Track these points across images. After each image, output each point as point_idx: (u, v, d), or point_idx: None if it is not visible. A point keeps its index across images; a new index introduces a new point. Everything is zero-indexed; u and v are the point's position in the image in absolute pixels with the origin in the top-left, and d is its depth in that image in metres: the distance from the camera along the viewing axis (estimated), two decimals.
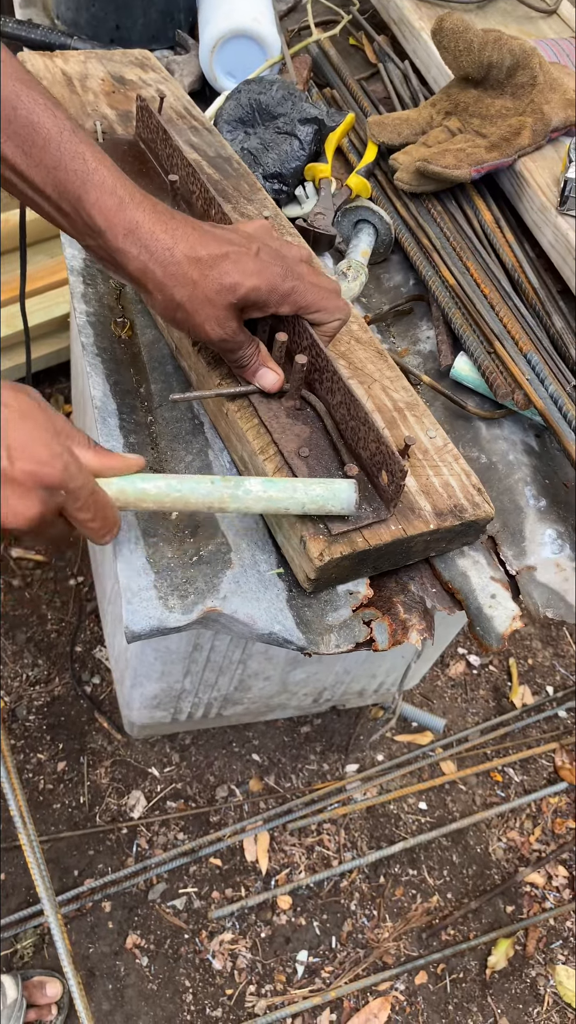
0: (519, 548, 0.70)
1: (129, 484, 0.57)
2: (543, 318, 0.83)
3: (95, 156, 0.58)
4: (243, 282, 0.59)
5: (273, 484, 0.58)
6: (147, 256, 0.58)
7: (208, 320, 0.60)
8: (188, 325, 0.61)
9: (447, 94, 0.98)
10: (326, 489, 0.58)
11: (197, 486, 0.57)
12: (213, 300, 0.59)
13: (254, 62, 1.04)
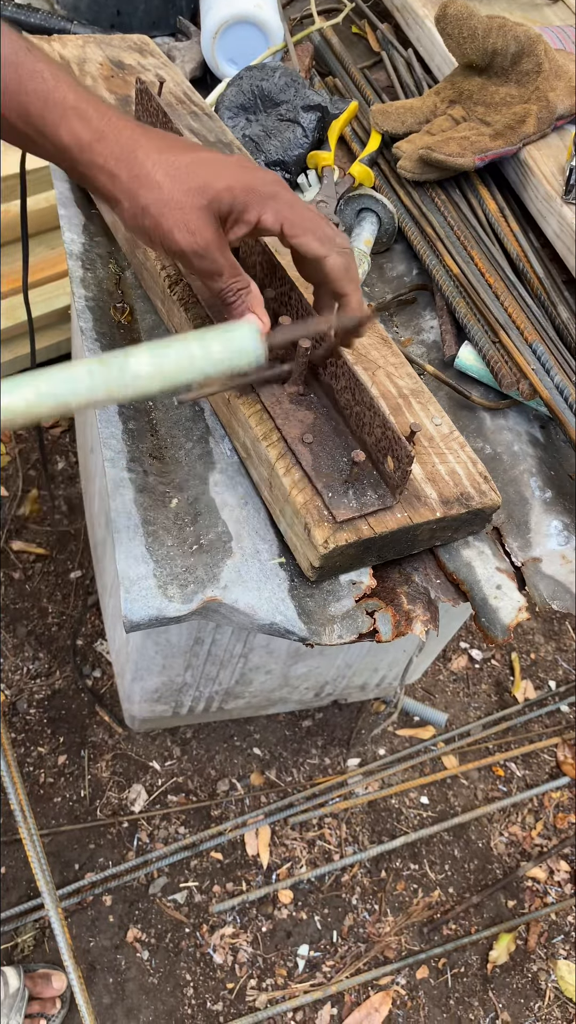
0: (524, 539, 0.70)
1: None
2: (548, 308, 0.82)
3: (54, 73, 0.54)
4: (214, 183, 0.54)
5: (163, 354, 0.51)
6: (113, 163, 0.55)
7: (177, 226, 0.54)
8: (157, 234, 0.55)
9: (451, 82, 0.97)
10: (226, 345, 0.52)
11: (73, 384, 0.49)
12: (182, 203, 0.54)
13: (256, 49, 1.03)
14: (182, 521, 0.64)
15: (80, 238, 0.81)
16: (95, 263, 0.80)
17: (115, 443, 0.66)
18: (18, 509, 1.84)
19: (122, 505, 0.62)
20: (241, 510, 0.65)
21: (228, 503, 0.65)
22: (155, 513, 0.63)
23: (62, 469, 1.92)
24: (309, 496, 0.60)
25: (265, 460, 0.63)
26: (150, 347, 0.52)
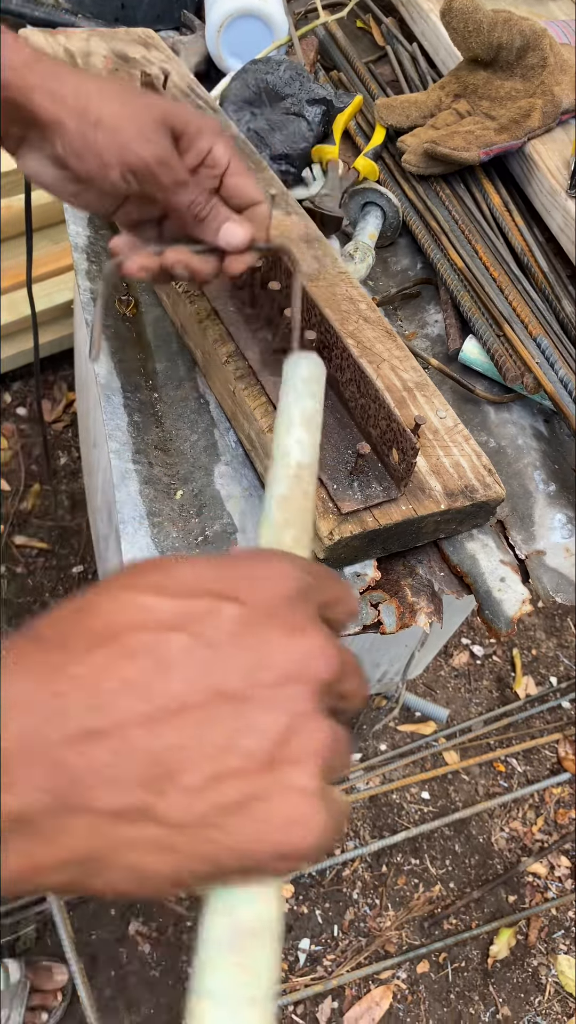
0: (528, 532, 0.70)
1: None
2: (553, 302, 0.82)
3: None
4: (162, 103, 0.52)
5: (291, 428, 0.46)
6: (53, 82, 0.50)
7: (136, 136, 0.51)
8: (113, 148, 0.51)
9: (456, 76, 0.97)
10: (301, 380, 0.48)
11: (305, 512, 0.43)
12: (138, 114, 0.51)
13: (261, 43, 1.03)
14: (187, 513, 0.64)
15: (85, 231, 0.81)
16: (100, 255, 0.80)
17: (120, 435, 0.66)
18: (20, 504, 1.84)
19: (127, 496, 0.62)
20: (246, 502, 0.65)
21: (233, 495, 0.65)
22: (160, 504, 0.63)
23: (64, 464, 1.92)
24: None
25: (270, 452, 0.63)
26: (286, 435, 0.46)
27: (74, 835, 0.27)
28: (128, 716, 0.27)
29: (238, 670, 0.28)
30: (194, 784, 0.27)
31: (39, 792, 0.26)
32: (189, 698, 0.28)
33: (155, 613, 0.28)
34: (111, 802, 0.27)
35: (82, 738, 0.26)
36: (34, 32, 0.91)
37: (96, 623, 0.28)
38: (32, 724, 0.26)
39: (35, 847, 0.26)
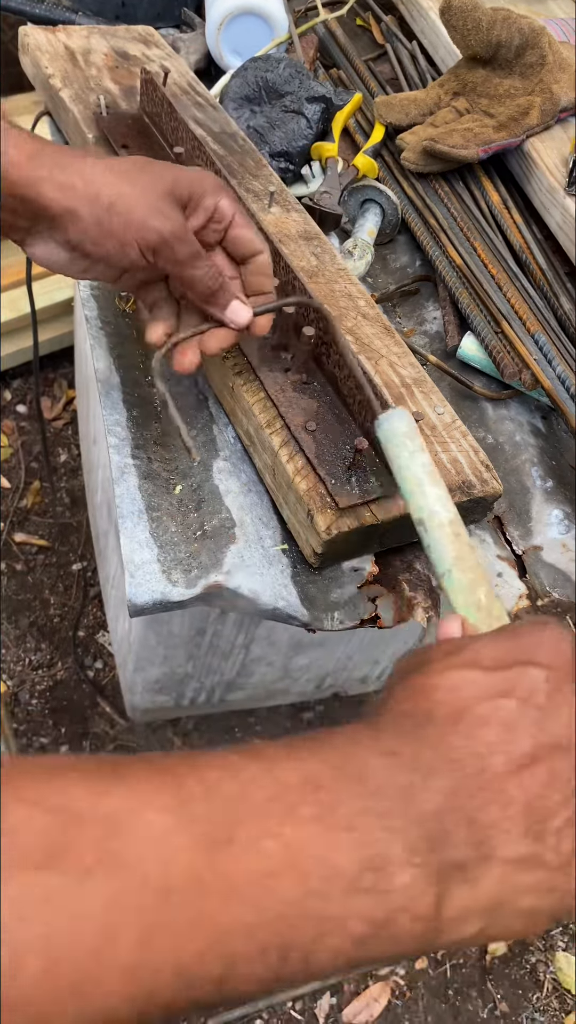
0: (525, 528, 0.70)
1: None
2: (550, 299, 0.83)
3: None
4: (165, 175, 0.54)
5: (423, 490, 0.50)
6: (60, 173, 0.52)
7: (150, 214, 0.53)
8: (130, 230, 0.53)
9: (455, 74, 0.97)
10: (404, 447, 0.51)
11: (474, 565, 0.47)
12: (146, 193, 0.53)
13: (261, 40, 1.03)
14: (186, 507, 0.64)
15: None
16: None
17: (120, 430, 0.67)
18: (20, 501, 1.84)
19: (126, 491, 0.63)
20: (244, 497, 0.65)
21: (232, 490, 0.65)
22: (159, 499, 0.64)
23: (64, 461, 1.92)
24: (312, 483, 0.60)
25: (269, 447, 0.63)
26: (424, 497, 0.50)
27: (488, 883, 0.30)
28: (502, 773, 0.31)
29: (561, 723, 0.33)
30: (560, 827, 0.31)
31: (466, 846, 0.30)
32: (536, 752, 0.32)
33: (483, 686, 0.33)
34: (510, 852, 0.31)
35: (480, 797, 0.31)
36: (34, 30, 0.91)
37: (445, 699, 0.33)
38: (447, 786, 0.31)
39: (466, 895, 0.30)
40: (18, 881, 0.24)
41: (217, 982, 0.26)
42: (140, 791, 0.28)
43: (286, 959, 0.27)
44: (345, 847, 0.28)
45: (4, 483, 1.86)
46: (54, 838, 0.25)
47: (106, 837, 0.26)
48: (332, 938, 0.28)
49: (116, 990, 0.25)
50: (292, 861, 0.28)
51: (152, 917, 0.25)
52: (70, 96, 0.84)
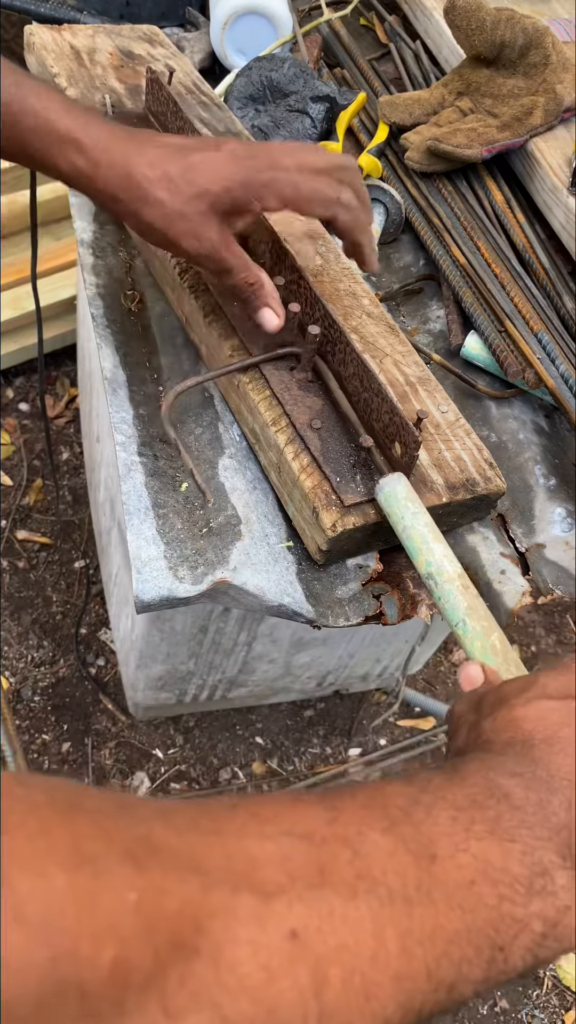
0: (528, 526, 0.70)
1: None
2: (554, 298, 0.83)
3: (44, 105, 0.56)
4: (211, 186, 0.56)
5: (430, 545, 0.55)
6: (114, 188, 0.56)
7: (182, 235, 0.57)
8: (166, 245, 0.59)
9: (459, 74, 0.98)
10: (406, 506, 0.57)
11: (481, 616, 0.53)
12: (185, 213, 0.56)
13: (265, 40, 1.04)
14: (192, 505, 0.64)
15: (91, 226, 0.82)
16: (105, 251, 0.81)
17: (126, 428, 0.67)
18: (23, 499, 1.85)
19: (133, 488, 0.63)
20: (250, 494, 0.66)
21: (237, 487, 0.66)
22: (165, 496, 0.64)
23: (66, 460, 1.92)
24: (317, 481, 0.61)
25: (274, 445, 0.63)
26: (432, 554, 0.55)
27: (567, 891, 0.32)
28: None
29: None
30: None
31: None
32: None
33: (562, 712, 0.38)
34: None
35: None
36: (40, 29, 0.92)
37: (536, 727, 0.37)
38: (566, 800, 0.34)
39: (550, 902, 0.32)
40: (306, 900, 0.26)
41: (450, 988, 0.29)
42: (359, 816, 0.30)
43: (494, 960, 0.30)
44: (515, 856, 0.31)
45: (6, 481, 1.87)
46: (318, 859, 0.28)
47: (354, 858, 0.28)
48: (523, 937, 0.30)
49: (390, 996, 0.27)
50: (483, 871, 0.30)
51: (405, 926, 0.28)
52: (76, 95, 0.84)
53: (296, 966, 0.25)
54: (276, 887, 0.26)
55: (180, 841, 0.27)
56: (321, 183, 0.58)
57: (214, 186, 0.56)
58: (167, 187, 0.56)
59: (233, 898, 0.25)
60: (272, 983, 0.25)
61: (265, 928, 0.25)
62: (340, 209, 0.59)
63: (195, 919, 0.25)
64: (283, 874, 0.27)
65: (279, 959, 0.25)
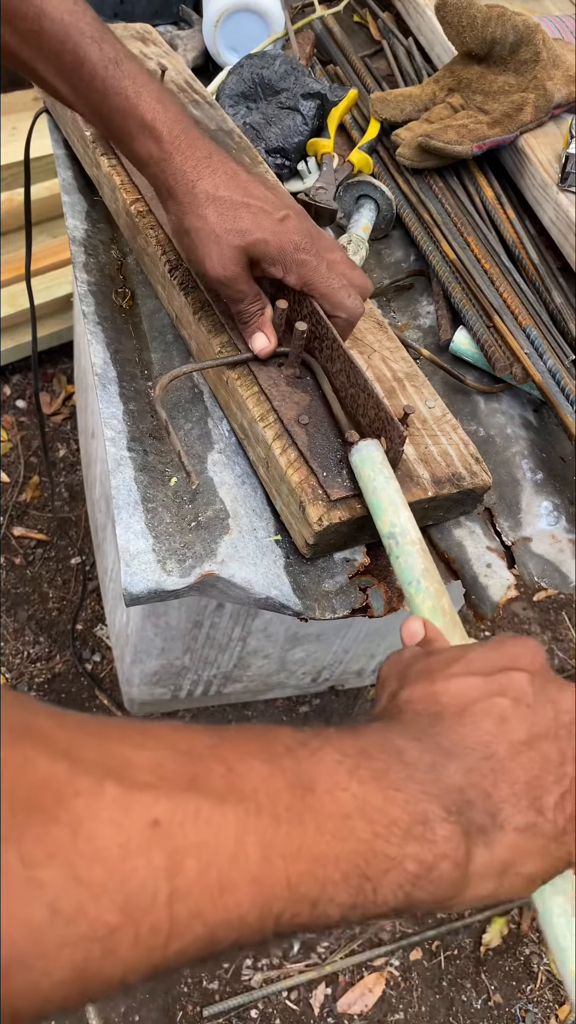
0: (515, 520, 0.71)
1: None
2: (543, 293, 0.83)
3: (136, 91, 0.60)
4: (254, 231, 0.61)
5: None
6: (173, 183, 0.61)
7: (210, 255, 0.61)
8: (192, 255, 0.63)
9: (450, 70, 0.98)
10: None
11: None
12: (220, 238, 0.61)
13: (257, 37, 1.04)
14: (181, 499, 0.65)
15: (83, 225, 0.83)
16: (97, 249, 0.81)
17: (116, 423, 0.68)
18: (19, 495, 1.85)
19: (123, 482, 0.64)
20: (238, 489, 0.66)
21: (226, 482, 0.66)
22: (154, 491, 0.65)
23: (63, 456, 1.93)
24: (304, 475, 0.61)
25: (262, 440, 0.64)
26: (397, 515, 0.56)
27: (502, 847, 0.36)
28: (506, 757, 0.37)
29: (548, 717, 0.39)
30: (554, 802, 0.37)
31: (485, 815, 0.36)
32: (530, 740, 0.38)
33: (481, 688, 0.39)
34: (520, 822, 0.36)
35: (491, 776, 0.37)
36: None
37: (452, 701, 0.39)
38: (464, 767, 0.36)
39: (486, 854, 0.36)
40: (174, 798, 0.29)
41: (313, 904, 0.32)
42: (242, 744, 0.33)
43: (361, 888, 0.32)
44: (399, 803, 0.34)
45: (3, 477, 1.87)
46: (192, 770, 0.31)
47: (228, 773, 0.31)
48: (394, 874, 0.33)
49: (247, 895, 0.30)
50: (361, 809, 0.33)
51: (269, 838, 0.30)
52: None
53: (153, 850, 0.27)
54: (144, 784, 0.29)
55: (61, 732, 0.29)
56: (341, 288, 0.63)
57: (256, 232, 0.61)
58: (218, 209, 0.61)
59: (99, 784, 0.28)
60: (127, 859, 0.27)
61: (128, 813, 0.28)
62: (342, 315, 0.64)
63: (58, 794, 0.27)
64: (153, 776, 0.29)
65: (137, 841, 0.27)
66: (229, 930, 0.29)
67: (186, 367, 0.63)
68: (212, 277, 0.63)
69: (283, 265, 0.62)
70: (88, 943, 0.26)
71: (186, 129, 0.62)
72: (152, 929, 0.27)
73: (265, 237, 0.61)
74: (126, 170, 0.79)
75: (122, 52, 0.61)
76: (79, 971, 0.26)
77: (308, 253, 0.62)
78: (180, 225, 0.63)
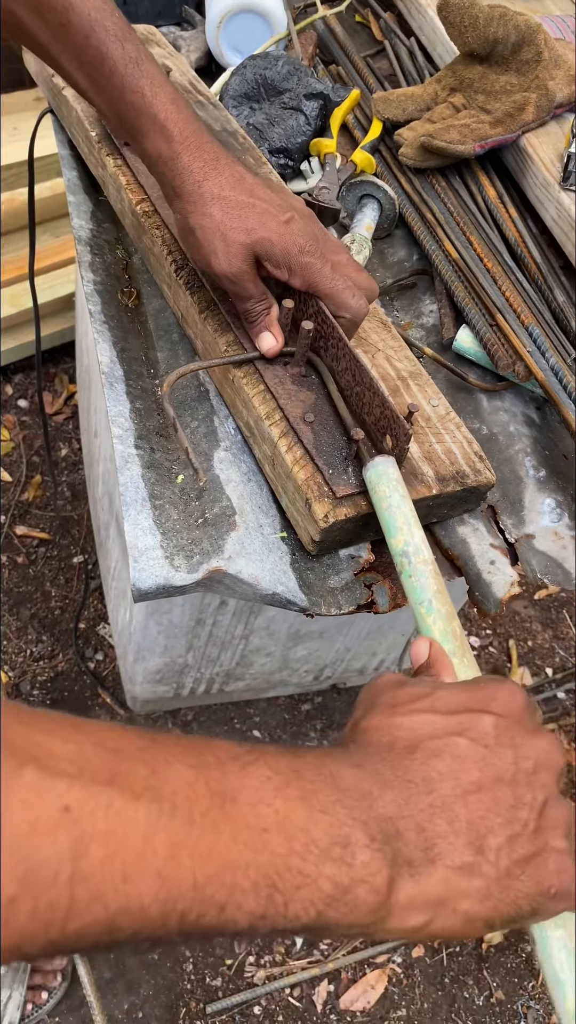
0: (518, 517, 0.71)
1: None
2: (545, 292, 0.84)
3: (152, 90, 0.62)
4: (259, 230, 0.61)
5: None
6: (179, 183, 0.63)
7: (215, 252, 0.62)
8: (198, 253, 0.64)
9: (452, 70, 0.98)
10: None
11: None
12: (226, 235, 0.62)
13: (260, 38, 1.05)
14: (188, 496, 0.66)
15: (88, 224, 0.83)
16: (103, 249, 0.82)
17: (123, 421, 0.68)
18: (22, 495, 1.86)
19: (130, 480, 0.64)
20: (244, 486, 0.67)
21: (232, 479, 0.67)
22: (162, 488, 0.65)
23: (65, 456, 1.94)
24: (310, 473, 0.62)
25: (268, 438, 0.64)
26: (412, 534, 0.57)
27: (432, 881, 0.36)
28: (450, 795, 0.37)
29: (506, 761, 0.38)
30: (499, 845, 0.37)
31: (415, 847, 0.36)
32: (481, 782, 0.38)
33: (439, 725, 0.39)
34: (455, 860, 0.36)
35: (428, 811, 0.36)
36: None
37: (405, 735, 0.39)
38: (400, 799, 0.36)
39: (412, 887, 0.36)
40: (89, 789, 0.30)
41: (220, 908, 0.32)
42: (171, 750, 0.34)
43: (272, 899, 0.33)
44: (321, 824, 0.34)
45: (6, 477, 1.88)
46: (115, 767, 0.32)
47: (150, 775, 0.32)
48: (307, 891, 0.33)
49: (150, 888, 0.30)
50: (280, 825, 0.34)
51: (179, 838, 0.31)
52: (73, 94, 0.85)
53: (59, 832, 0.29)
54: (62, 772, 0.30)
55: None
56: (345, 289, 0.64)
57: (262, 231, 0.62)
58: (223, 207, 0.62)
59: (19, 768, 0.29)
60: (33, 836, 0.28)
61: (41, 796, 0.29)
62: (346, 315, 0.65)
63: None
64: (74, 767, 0.31)
65: (46, 822, 0.29)
66: (130, 919, 0.30)
67: (193, 365, 0.64)
68: (218, 273, 0.63)
69: (288, 267, 0.63)
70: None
71: (197, 131, 0.63)
72: (51, 904, 0.29)
73: (270, 237, 0.62)
74: (131, 170, 0.79)
75: (143, 53, 0.63)
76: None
77: (312, 256, 0.63)
78: (186, 223, 0.64)
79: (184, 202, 0.63)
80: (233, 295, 0.66)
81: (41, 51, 0.64)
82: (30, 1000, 1.30)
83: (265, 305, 0.65)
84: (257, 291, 0.65)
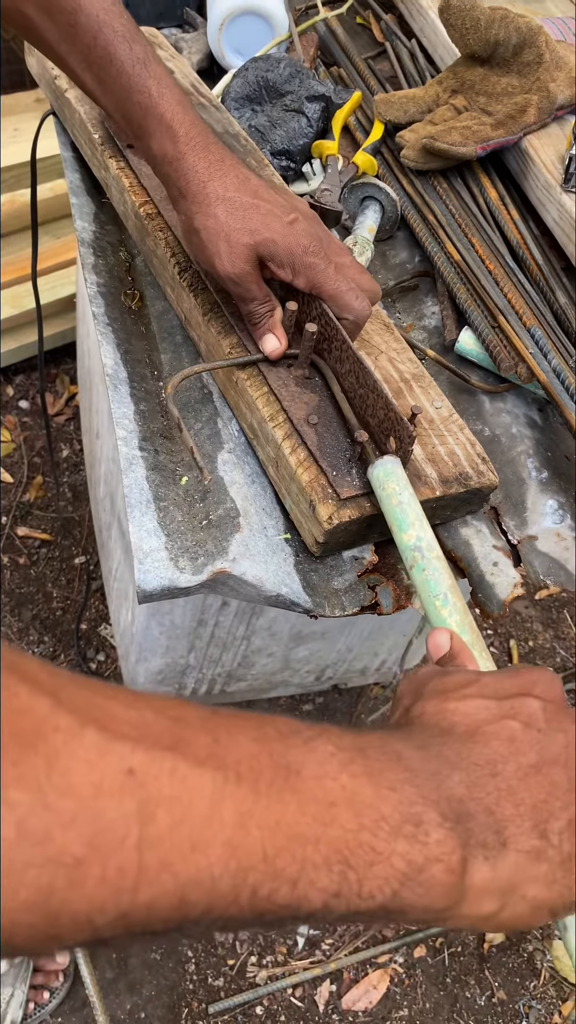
0: (521, 518, 0.72)
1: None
2: (547, 293, 0.84)
3: (159, 91, 0.62)
4: (263, 231, 0.62)
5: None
6: (184, 183, 0.63)
7: (219, 254, 0.63)
8: (202, 254, 0.64)
9: (453, 72, 0.99)
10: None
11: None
12: (230, 236, 0.62)
13: (262, 40, 1.05)
14: (192, 498, 0.66)
15: (91, 226, 0.83)
16: (106, 250, 0.82)
17: (127, 423, 0.68)
18: (23, 495, 1.86)
19: (135, 481, 0.65)
20: (248, 488, 0.67)
21: (236, 481, 0.67)
22: (166, 490, 0.65)
23: (66, 456, 1.94)
24: (314, 475, 0.62)
25: (272, 440, 0.65)
26: (423, 531, 0.57)
27: (505, 865, 0.35)
28: (511, 778, 0.36)
29: (559, 744, 0.38)
30: (560, 828, 0.36)
31: (487, 830, 0.35)
32: (539, 764, 0.37)
33: (492, 710, 0.39)
34: (524, 844, 0.35)
35: (495, 794, 0.36)
36: None
37: (463, 720, 0.39)
38: (468, 780, 0.36)
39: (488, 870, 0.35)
40: (152, 753, 0.29)
41: (292, 883, 0.31)
42: (232, 721, 0.33)
43: (345, 876, 0.31)
44: (390, 801, 0.33)
45: (7, 478, 1.88)
46: (177, 734, 0.31)
47: (212, 743, 0.31)
48: (380, 868, 0.32)
49: (219, 858, 0.29)
50: (349, 800, 0.32)
51: (247, 807, 0.30)
52: (76, 96, 0.85)
53: (125, 795, 0.28)
54: (124, 735, 0.29)
55: (48, 678, 0.29)
56: (348, 291, 0.64)
57: (266, 232, 0.62)
58: (228, 208, 0.62)
59: (80, 726, 0.28)
60: (99, 798, 0.27)
61: (104, 757, 0.28)
62: (349, 317, 0.65)
63: (37, 727, 0.27)
64: (136, 731, 0.29)
65: (111, 784, 0.27)
66: (201, 892, 0.29)
67: (197, 366, 0.64)
68: (222, 275, 0.64)
69: (291, 268, 0.63)
70: (54, 867, 0.26)
71: (202, 133, 0.64)
72: (119, 870, 0.27)
73: (274, 238, 0.62)
74: (135, 173, 0.79)
75: (151, 54, 0.63)
76: (45, 895, 0.26)
77: (316, 256, 0.63)
78: (190, 224, 0.64)
79: (188, 203, 0.63)
80: (237, 297, 0.66)
81: (49, 51, 0.65)
82: (32, 1000, 1.30)
83: (269, 307, 0.66)
84: (261, 293, 0.65)
